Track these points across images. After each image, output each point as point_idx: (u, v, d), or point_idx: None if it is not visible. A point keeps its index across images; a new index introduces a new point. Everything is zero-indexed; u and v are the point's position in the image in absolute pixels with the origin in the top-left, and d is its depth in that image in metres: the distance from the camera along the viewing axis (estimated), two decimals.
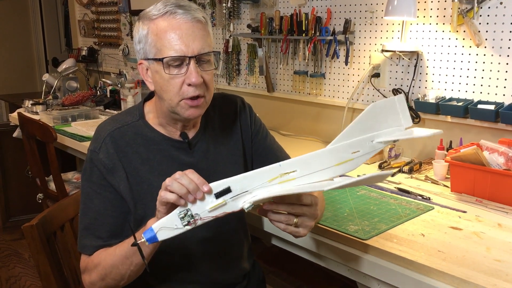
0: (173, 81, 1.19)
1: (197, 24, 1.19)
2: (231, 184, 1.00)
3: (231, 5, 2.87)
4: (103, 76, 4.24)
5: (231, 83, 3.03)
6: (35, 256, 1.34)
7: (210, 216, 0.99)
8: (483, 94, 1.90)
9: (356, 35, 2.30)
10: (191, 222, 0.98)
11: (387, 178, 1.19)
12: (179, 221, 0.97)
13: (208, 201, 0.99)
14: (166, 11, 1.18)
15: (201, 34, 1.19)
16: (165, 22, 1.18)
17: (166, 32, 1.17)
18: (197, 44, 1.18)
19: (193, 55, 1.17)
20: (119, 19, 4.00)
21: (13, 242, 3.49)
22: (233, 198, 1.00)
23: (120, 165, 1.24)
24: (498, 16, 1.80)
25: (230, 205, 1.00)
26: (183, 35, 1.17)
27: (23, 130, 2.74)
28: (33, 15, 6.05)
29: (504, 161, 1.59)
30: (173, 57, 1.17)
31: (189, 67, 1.18)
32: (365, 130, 1.06)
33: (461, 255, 1.21)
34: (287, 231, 1.10)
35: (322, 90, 2.49)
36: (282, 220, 1.07)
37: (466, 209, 1.51)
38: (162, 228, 0.97)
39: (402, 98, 1.09)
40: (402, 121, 1.08)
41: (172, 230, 0.98)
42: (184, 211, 0.97)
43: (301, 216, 1.08)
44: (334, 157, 1.05)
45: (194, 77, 1.17)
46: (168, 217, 0.98)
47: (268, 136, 1.49)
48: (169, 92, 1.20)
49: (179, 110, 1.22)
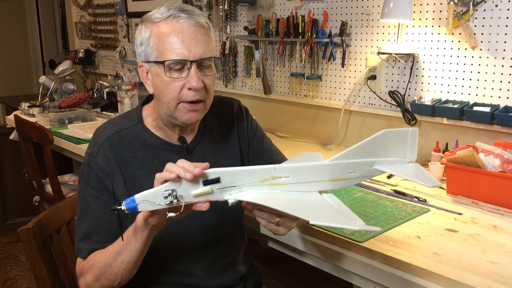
0: (173, 84, 1.19)
1: (200, 29, 1.19)
2: (221, 175, 1.00)
3: (228, 8, 2.87)
4: (100, 78, 4.23)
5: (228, 85, 3.03)
6: (31, 260, 1.34)
7: (194, 201, 0.99)
8: (479, 96, 1.90)
9: (353, 37, 2.30)
10: (174, 203, 0.97)
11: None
12: (162, 199, 0.96)
13: (195, 187, 0.99)
14: (169, 15, 1.19)
15: (204, 39, 1.20)
16: (168, 25, 1.18)
17: (168, 35, 1.18)
18: (199, 49, 1.18)
19: (195, 59, 1.18)
20: (116, 21, 4.00)
21: (9, 245, 3.48)
22: (220, 189, 1.00)
23: (118, 170, 1.24)
24: (494, 19, 1.81)
25: (216, 195, 1.00)
26: (185, 39, 1.17)
27: (20, 132, 2.73)
28: (30, 17, 6.04)
29: (499, 163, 1.60)
30: (175, 61, 1.17)
31: (190, 71, 1.18)
32: (368, 153, 1.07)
33: (456, 257, 1.22)
34: (267, 228, 1.11)
35: (319, 92, 2.50)
36: (264, 217, 1.08)
37: (462, 211, 1.52)
38: (144, 201, 0.96)
39: (416, 132, 1.09)
40: (408, 154, 1.09)
41: (154, 205, 0.97)
42: (169, 191, 0.96)
43: (283, 217, 1.09)
44: (329, 173, 1.06)
45: (195, 81, 1.17)
46: (152, 191, 0.97)
47: (265, 139, 1.49)
48: (168, 95, 1.20)
49: (177, 114, 1.22)
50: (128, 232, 1.12)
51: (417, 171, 1.09)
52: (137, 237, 1.10)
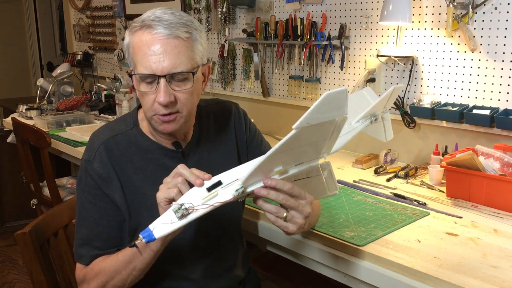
0: (146, 97, 1.16)
1: (173, 41, 1.12)
2: (221, 177, 1.02)
3: (226, 10, 2.87)
4: (98, 81, 4.22)
5: (226, 87, 3.03)
6: (28, 264, 1.33)
7: (203, 207, 0.99)
8: (478, 99, 1.90)
9: (352, 40, 2.30)
10: (185, 214, 0.98)
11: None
12: (173, 215, 0.97)
13: (201, 194, 1.00)
14: (144, 25, 1.14)
15: (176, 52, 1.13)
16: (141, 36, 1.14)
17: (139, 47, 1.14)
18: (168, 63, 1.12)
19: (163, 74, 1.12)
20: (114, 24, 3.99)
21: (7, 248, 3.46)
22: (223, 187, 1.01)
23: (115, 175, 1.23)
24: (493, 22, 1.81)
25: (222, 195, 1.00)
26: (155, 52, 1.12)
27: (17, 135, 2.72)
28: (28, 20, 6.03)
29: (499, 166, 1.59)
30: (143, 75, 1.14)
31: (158, 86, 1.14)
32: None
33: (457, 261, 1.21)
34: (276, 224, 1.07)
35: (318, 95, 2.49)
36: (272, 211, 1.05)
37: (462, 215, 1.51)
38: (158, 225, 0.97)
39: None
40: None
41: (168, 225, 0.97)
42: (177, 206, 0.98)
43: (291, 211, 1.06)
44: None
45: (162, 96, 1.13)
46: (163, 215, 0.99)
47: (264, 142, 1.48)
48: (144, 106, 1.19)
49: (153, 124, 1.21)
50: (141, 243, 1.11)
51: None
52: (151, 246, 1.11)
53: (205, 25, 3.06)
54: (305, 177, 1.11)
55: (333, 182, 1.15)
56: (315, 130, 0.96)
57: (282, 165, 1.03)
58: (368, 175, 1.93)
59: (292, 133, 0.91)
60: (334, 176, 1.14)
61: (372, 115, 1.26)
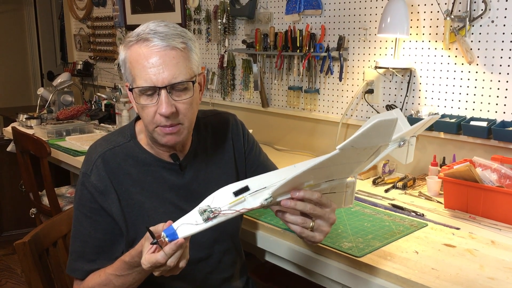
0: (147, 109, 1.17)
1: (170, 52, 1.13)
2: (248, 183, 1.01)
3: (226, 21, 2.89)
4: (98, 90, 4.24)
5: (226, 98, 3.04)
6: (27, 273, 1.33)
7: (230, 212, 0.99)
8: (476, 111, 1.91)
9: (350, 51, 2.32)
10: (211, 217, 0.97)
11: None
12: (199, 217, 0.97)
13: (228, 198, 1.00)
14: (140, 38, 1.15)
15: (174, 63, 1.14)
16: (138, 50, 1.14)
17: (137, 61, 1.14)
18: (167, 74, 1.13)
19: (163, 85, 1.13)
20: (114, 34, 4.02)
21: (5, 257, 3.46)
22: (251, 194, 1.01)
23: (112, 188, 1.24)
24: (490, 34, 1.83)
25: (249, 202, 1.00)
26: (154, 64, 1.13)
27: (17, 144, 2.73)
28: (29, 29, 6.06)
29: (497, 178, 1.60)
30: (144, 88, 1.14)
31: (159, 97, 1.14)
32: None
33: (454, 272, 1.21)
34: (303, 235, 1.08)
35: (317, 106, 2.50)
36: (298, 223, 1.06)
37: (460, 226, 1.52)
38: (181, 225, 0.96)
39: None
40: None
41: (193, 226, 0.97)
42: (204, 207, 0.98)
43: (317, 220, 1.07)
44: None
45: (164, 108, 1.14)
46: (188, 215, 0.98)
47: (262, 153, 1.49)
48: (145, 119, 1.19)
49: (156, 136, 1.21)
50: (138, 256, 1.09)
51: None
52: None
53: (205, 36, 3.08)
54: (329, 192, 1.12)
55: (351, 198, 1.16)
56: (356, 153, 0.97)
57: (313, 180, 1.04)
58: (367, 185, 1.94)
59: (334, 152, 0.92)
60: (354, 193, 1.16)
61: (402, 139, 1.26)
